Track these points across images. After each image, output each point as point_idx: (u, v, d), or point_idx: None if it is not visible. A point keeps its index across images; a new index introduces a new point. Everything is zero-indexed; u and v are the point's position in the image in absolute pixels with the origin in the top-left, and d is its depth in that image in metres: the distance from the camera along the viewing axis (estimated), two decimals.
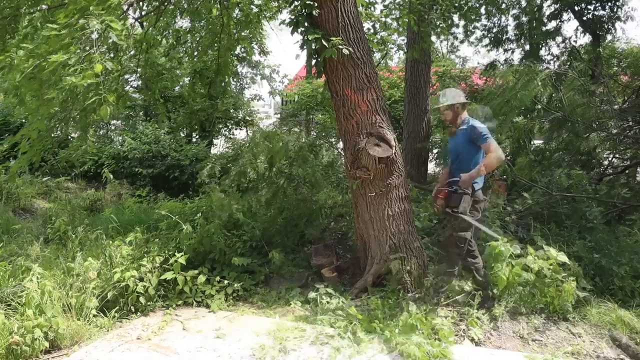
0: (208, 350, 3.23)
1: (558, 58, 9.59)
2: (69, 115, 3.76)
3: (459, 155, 3.78)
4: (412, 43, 7.72)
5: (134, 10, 4.79)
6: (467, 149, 3.71)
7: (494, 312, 3.59)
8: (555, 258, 3.60)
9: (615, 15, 9.02)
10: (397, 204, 4.03)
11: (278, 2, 6.79)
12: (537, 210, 5.42)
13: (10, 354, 3.07)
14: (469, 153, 3.70)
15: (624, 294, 3.96)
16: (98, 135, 12.44)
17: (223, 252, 4.46)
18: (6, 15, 3.92)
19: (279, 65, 17.23)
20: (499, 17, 9.56)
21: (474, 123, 3.69)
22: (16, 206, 8.01)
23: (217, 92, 9.63)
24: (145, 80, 6.28)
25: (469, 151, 3.70)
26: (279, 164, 5.36)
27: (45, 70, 3.00)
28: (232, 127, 13.32)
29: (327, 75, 4.14)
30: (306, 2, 3.91)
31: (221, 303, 4.02)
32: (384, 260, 4.03)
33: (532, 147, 6.93)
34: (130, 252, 4.41)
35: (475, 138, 3.62)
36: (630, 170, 6.83)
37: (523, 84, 5.16)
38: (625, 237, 4.67)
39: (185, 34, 6.49)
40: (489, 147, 3.56)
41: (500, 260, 3.61)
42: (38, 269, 3.70)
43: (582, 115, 5.90)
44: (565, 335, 3.40)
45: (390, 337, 3.22)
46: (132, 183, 10.25)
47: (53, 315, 3.32)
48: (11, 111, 10.26)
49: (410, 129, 8.41)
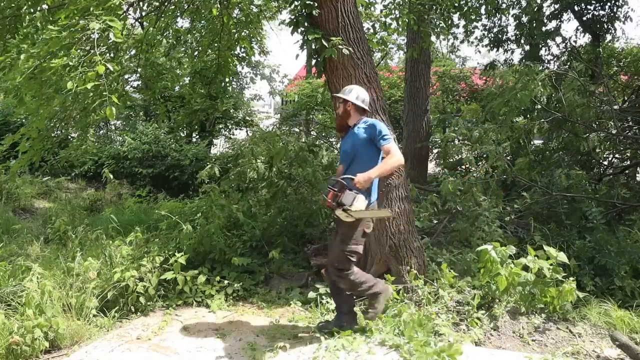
0: (208, 350, 3.24)
1: (558, 58, 9.59)
2: (69, 115, 3.77)
3: (355, 157, 3.32)
4: (412, 43, 7.73)
5: (134, 10, 4.80)
6: (365, 150, 3.28)
7: (494, 312, 3.59)
8: (555, 258, 3.60)
9: (615, 15, 9.02)
10: (397, 204, 4.03)
11: (278, 2, 6.80)
12: (537, 210, 5.43)
13: (10, 354, 3.07)
14: (368, 155, 3.26)
15: (624, 294, 3.97)
16: (98, 135, 12.45)
17: (223, 252, 4.46)
18: (7, 15, 3.92)
19: (279, 65, 17.29)
20: (499, 17, 9.56)
21: (375, 122, 3.30)
22: (16, 206, 8.01)
23: (218, 92, 9.63)
24: (145, 80, 6.28)
25: (368, 153, 3.26)
26: (279, 164, 5.36)
27: (46, 72, 3.01)
28: (232, 127, 13.34)
29: (327, 75, 4.14)
30: (306, 2, 3.91)
31: (221, 303, 4.02)
32: (384, 260, 4.04)
33: (532, 147, 6.94)
34: (130, 252, 4.41)
35: (375, 138, 3.21)
36: (630, 170, 6.83)
37: (523, 84, 5.16)
38: (625, 237, 4.67)
39: (185, 34, 6.50)
40: (389, 148, 3.16)
41: (495, 265, 3.59)
42: (38, 269, 3.70)
43: (581, 116, 5.91)
44: (565, 335, 3.40)
45: (390, 337, 3.23)
46: (132, 183, 10.26)
47: (53, 315, 3.32)
48: (11, 111, 10.26)
49: (410, 128, 8.41)
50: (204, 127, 12.43)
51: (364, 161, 3.23)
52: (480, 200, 5.01)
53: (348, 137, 3.41)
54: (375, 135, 3.20)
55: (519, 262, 3.62)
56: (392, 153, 3.15)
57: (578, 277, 3.96)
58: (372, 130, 3.24)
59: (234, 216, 5.02)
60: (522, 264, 3.61)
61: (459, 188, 5.05)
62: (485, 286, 3.72)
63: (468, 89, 10.65)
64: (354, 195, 3.05)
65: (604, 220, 4.88)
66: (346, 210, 3.04)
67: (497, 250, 3.62)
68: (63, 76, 2.98)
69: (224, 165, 7.02)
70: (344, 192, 3.07)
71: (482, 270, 3.66)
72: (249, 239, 4.75)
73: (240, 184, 5.76)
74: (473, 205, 4.99)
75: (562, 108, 5.90)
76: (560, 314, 3.61)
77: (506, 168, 5.44)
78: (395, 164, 3.18)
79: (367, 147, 3.26)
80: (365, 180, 3.07)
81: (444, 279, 3.90)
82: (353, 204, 3.04)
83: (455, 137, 5.96)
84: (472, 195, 5.04)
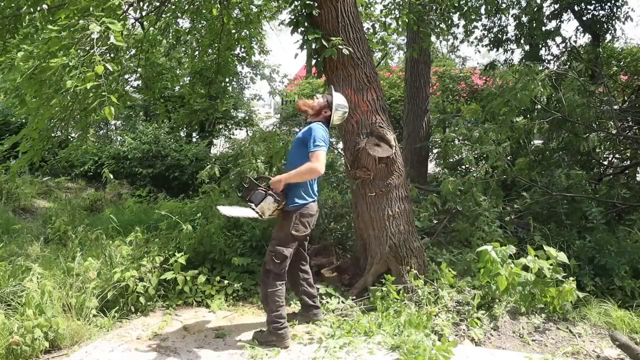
0: (208, 350, 3.24)
1: (558, 58, 9.58)
2: (70, 115, 3.77)
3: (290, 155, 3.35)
4: (412, 43, 7.73)
5: (134, 11, 4.80)
6: (298, 150, 3.26)
7: (494, 312, 3.59)
8: (555, 258, 3.60)
9: (615, 15, 9.02)
10: (397, 204, 4.03)
11: (278, 2, 6.80)
12: (537, 210, 5.43)
13: (10, 354, 3.07)
14: (299, 155, 3.20)
15: (624, 294, 3.96)
16: (98, 135, 12.45)
17: (223, 252, 4.46)
18: (7, 15, 3.92)
19: (279, 65, 17.27)
20: (499, 17, 9.56)
21: (315, 127, 3.20)
22: (16, 206, 8.01)
23: (218, 92, 9.63)
24: (145, 80, 6.28)
25: (300, 154, 3.21)
26: (279, 164, 5.36)
27: (46, 72, 3.00)
28: (232, 127, 13.34)
29: (327, 75, 4.14)
30: (306, 2, 3.91)
31: (221, 303, 4.02)
32: (384, 260, 4.04)
33: (532, 147, 6.95)
34: (130, 252, 4.42)
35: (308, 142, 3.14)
36: (629, 170, 6.84)
37: (523, 84, 5.16)
38: (625, 237, 4.67)
39: (185, 34, 6.50)
40: (313, 155, 3.08)
41: (495, 265, 3.58)
42: (38, 269, 3.70)
43: (581, 116, 5.91)
44: (565, 335, 3.40)
45: (389, 337, 3.23)
46: (132, 183, 10.25)
47: (53, 315, 3.32)
48: (12, 111, 10.26)
49: (410, 128, 8.41)
50: (204, 127, 12.42)
51: (294, 161, 3.22)
52: (480, 200, 5.01)
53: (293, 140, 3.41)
54: (309, 139, 3.14)
55: (519, 262, 3.62)
56: (313, 160, 3.07)
57: (578, 277, 3.96)
58: (308, 133, 3.18)
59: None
60: (522, 264, 3.61)
61: (459, 188, 5.05)
62: (485, 286, 3.72)
63: (468, 89, 10.64)
64: (263, 195, 3.11)
65: (604, 220, 4.88)
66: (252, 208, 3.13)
67: (497, 250, 3.61)
68: (63, 76, 2.98)
69: (224, 165, 7.00)
70: (255, 191, 3.13)
71: (482, 270, 3.66)
72: (249, 239, 4.75)
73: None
74: (473, 205, 4.99)
75: (562, 108, 5.90)
76: (560, 314, 3.61)
77: (506, 168, 5.44)
78: (310, 171, 3.09)
79: (300, 148, 3.23)
80: (276, 181, 3.11)
81: (444, 279, 3.90)
82: (260, 203, 3.09)
83: (455, 137, 5.96)
84: (472, 195, 5.04)
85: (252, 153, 5.45)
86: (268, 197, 3.10)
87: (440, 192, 5.26)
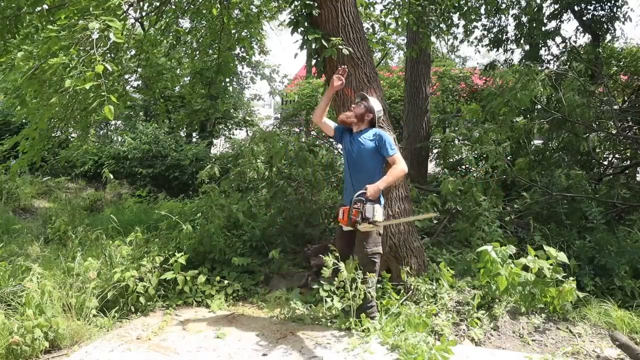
0: (208, 350, 3.24)
1: (558, 58, 9.57)
2: (70, 115, 3.77)
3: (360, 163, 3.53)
4: (412, 43, 7.73)
5: (134, 11, 4.80)
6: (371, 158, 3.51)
7: (494, 312, 3.59)
8: (555, 258, 3.60)
9: (615, 15, 9.01)
10: (397, 204, 4.03)
11: (278, 2, 6.80)
12: (537, 210, 5.43)
13: (10, 354, 3.07)
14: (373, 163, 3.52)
15: (624, 294, 3.96)
16: (98, 135, 12.45)
17: (223, 252, 4.47)
18: (7, 15, 3.92)
19: (279, 65, 17.26)
20: (499, 17, 9.55)
21: (382, 133, 3.54)
22: (16, 206, 8.03)
23: (218, 92, 9.63)
24: (145, 80, 6.29)
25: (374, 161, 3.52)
26: (279, 164, 5.36)
27: (46, 73, 3.01)
28: (232, 127, 13.33)
29: (327, 75, 4.14)
30: (306, 2, 3.91)
31: (221, 303, 4.02)
32: (384, 260, 4.03)
33: (532, 147, 6.94)
34: (130, 252, 4.42)
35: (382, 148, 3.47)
36: (629, 170, 6.83)
37: (523, 84, 5.16)
38: (625, 237, 4.67)
39: (185, 34, 6.50)
40: (394, 159, 3.46)
41: (495, 265, 3.59)
42: (38, 269, 3.70)
43: (581, 116, 5.91)
44: (565, 335, 3.40)
45: (389, 337, 3.23)
46: (132, 183, 10.26)
47: (53, 315, 3.32)
48: (12, 111, 10.27)
49: (410, 128, 8.40)
50: (204, 127, 12.43)
51: (370, 169, 3.49)
52: (480, 200, 5.01)
53: (352, 139, 3.60)
54: (382, 146, 3.46)
55: (519, 262, 3.62)
56: (397, 163, 3.45)
57: (578, 277, 3.96)
58: (379, 141, 3.49)
59: (234, 216, 5.02)
60: (522, 264, 3.61)
61: (459, 188, 5.05)
62: (485, 286, 3.72)
63: (468, 89, 10.63)
64: (372, 206, 3.29)
65: (604, 220, 4.88)
66: (373, 222, 3.26)
67: (497, 250, 3.62)
68: (63, 76, 2.98)
69: (224, 165, 7.01)
70: (365, 207, 3.28)
71: (482, 270, 3.66)
72: (249, 239, 4.75)
73: (240, 184, 5.76)
74: (473, 205, 4.99)
75: (562, 108, 5.90)
76: (560, 314, 3.61)
77: (506, 168, 5.44)
78: (400, 173, 3.46)
79: (373, 156, 3.51)
80: (375, 191, 3.32)
81: (444, 279, 3.90)
82: (374, 214, 3.27)
83: (455, 137, 5.97)
84: (472, 195, 5.05)
85: (252, 153, 5.45)
86: (376, 207, 3.31)
87: (440, 192, 5.26)
